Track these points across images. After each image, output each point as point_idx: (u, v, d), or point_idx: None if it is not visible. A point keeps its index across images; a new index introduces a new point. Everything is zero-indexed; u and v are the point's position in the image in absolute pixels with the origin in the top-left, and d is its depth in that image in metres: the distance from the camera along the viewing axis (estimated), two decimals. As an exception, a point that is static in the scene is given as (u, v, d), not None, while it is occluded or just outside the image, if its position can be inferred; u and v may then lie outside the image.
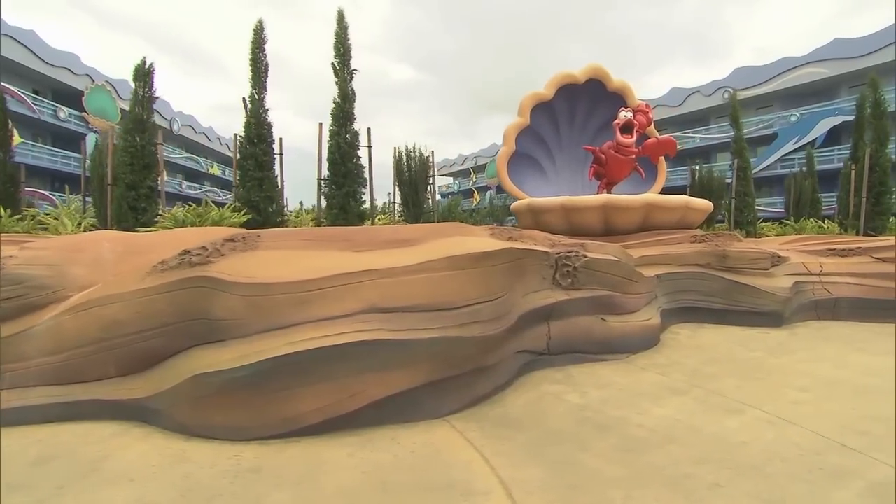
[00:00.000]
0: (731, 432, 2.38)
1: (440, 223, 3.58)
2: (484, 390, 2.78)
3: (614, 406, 2.74)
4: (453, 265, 2.65)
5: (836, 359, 3.87)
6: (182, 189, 28.60)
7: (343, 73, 5.89)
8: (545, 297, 3.47)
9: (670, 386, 3.12)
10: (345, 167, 5.60)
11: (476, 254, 2.69)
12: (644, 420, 2.53)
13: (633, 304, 4.12)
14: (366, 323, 2.44)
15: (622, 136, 6.81)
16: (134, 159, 5.59)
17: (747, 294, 5.28)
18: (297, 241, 2.93)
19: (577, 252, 3.73)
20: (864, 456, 2.13)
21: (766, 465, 2.04)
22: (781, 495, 1.81)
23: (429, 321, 2.53)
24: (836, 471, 1.99)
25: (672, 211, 6.21)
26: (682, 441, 2.27)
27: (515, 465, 2.03)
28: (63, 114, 19.86)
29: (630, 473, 1.97)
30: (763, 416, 2.60)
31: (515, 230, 3.95)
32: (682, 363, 3.67)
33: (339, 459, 2.12)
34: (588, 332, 3.65)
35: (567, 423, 2.50)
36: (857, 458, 2.12)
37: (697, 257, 5.51)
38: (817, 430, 2.41)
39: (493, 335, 2.69)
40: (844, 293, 5.66)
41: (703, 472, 1.97)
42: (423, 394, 2.53)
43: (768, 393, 2.99)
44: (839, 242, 6.38)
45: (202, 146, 33.18)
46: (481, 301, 2.68)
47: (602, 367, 3.50)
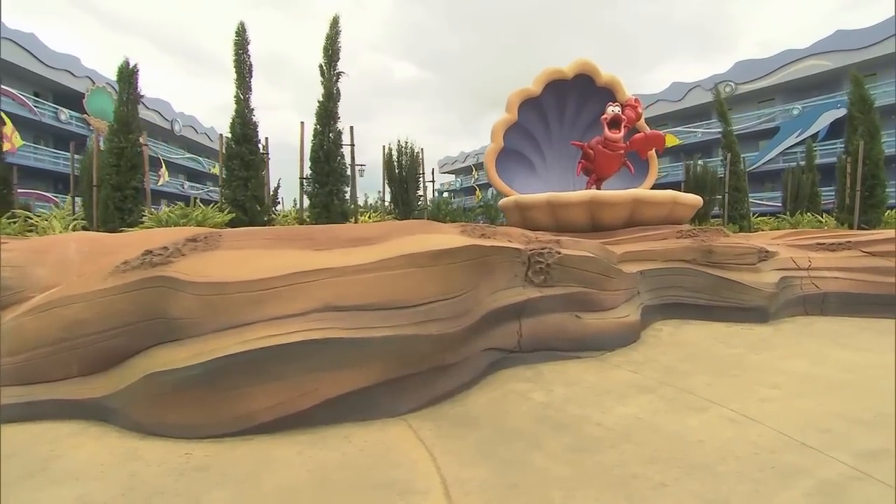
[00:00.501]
0: (690, 431, 2.35)
1: (405, 220, 3.56)
2: (445, 388, 2.76)
3: (577, 404, 2.71)
4: (410, 263, 2.63)
5: (816, 355, 3.81)
6: (184, 189, 28.80)
7: (329, 74, 5.89)
8: (516, 295, 3.44)
9: (640, 384, 3.08)
10: (328, 166, 5.60)
11: (434, 251, 2.66)
12: (604, 419, 2.50)
13: (611, 300, 4.07)
14: (319, 321, 2.43)
15: (610, 131, 6.74)
16: (119, 160, 5.63)
17: (733, 290, 5.21)
18: (259, 240, 2.92)
19: (551, 249, 3.70)
20: (820, 454, 2.09)
21: (717, 464, 2.01)
22: (726, 495, 1.78)
23: (383, 319, 2.52)
24: (787, 470, 1.95)
25: (659, 206, 6.14)
26: (638, 440, 2.24)
27: (462, 465, 2.02)
28: (64, 116, 20.04)
29: (576, 473, 1.94)
30: (727, 415, 2.56)
31: (489, 227, 3.92)
32: (657, 360, 3.63)
33: (288, 457, 2.11)
34: (561, 330, 3.62)
35: (525, 421, 2.48)
36: (813, 456, 2.08)
37: (683, 253, 5.45)
38: (779, 427, 2.37)
39: (452, 333, 2.67)
40: (833, 288, 5.57)
41: (652, 472, 1.94)
42: (379, 392, 2.52)
43: (739, 390, 2.95)
44: (829, 236, 6.28)
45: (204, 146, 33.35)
46: (439, 299, 2.66)
47: (574, 365, 3.47)
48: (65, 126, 20.00)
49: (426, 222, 3.48)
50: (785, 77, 21.62)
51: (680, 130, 26.62)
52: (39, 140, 20.19)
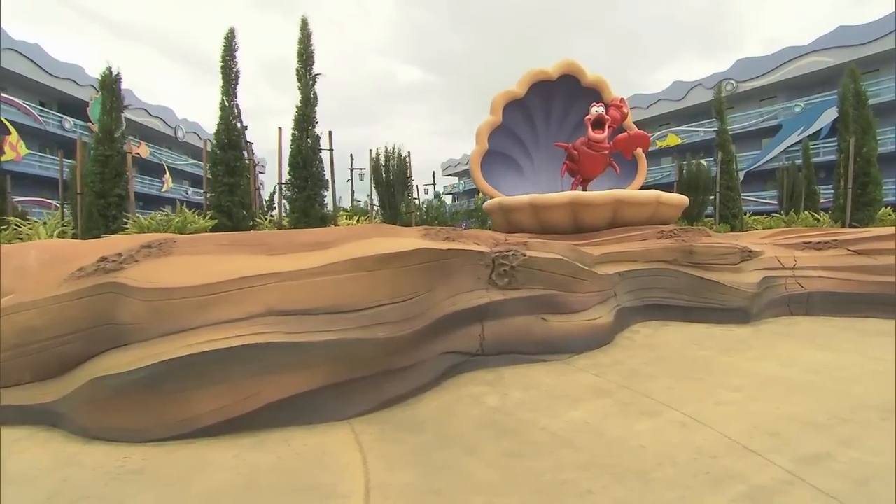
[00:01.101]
0: (635, 436, 2.31)
1: (360, 225, 3.56)
2: (397, 392, 2.75)
3: (529, 409, 2.69)
4: (357, 267, 2.63)
5: (788, 356, 3.73)
6: (188, 195, 29.10)
7: (305, 77, 5.93)
8: (478, 298, 3.42)
9: (599, 387, 3.05)
10: (306, 171, 5.64)
11: (381, 255, 2.66)
12: (551, 423, 2.48)
13: (581, 302, 4.04)
14: (262, 326, 2.44)
15: (593, 131, 6.70)
16: (104, 168, 5.71)
17: (713, 290, 5.14)
18: (213, 246, 2.94)
19: (516, 251, 3.68)
20: (761, 458, 2.05)
21: (653, 470, 1.97)
22: (650, 503, 1.75)
23: (328, 323, 2.52)
24: (722, 475, 1.91)
25: (642, 206, 6.08)
26: (579, 445, 2.21)
27: (391, 469, 2.00)
28: (69, 124, 20.41)
29: (504, 479, 1.92)
30: (678, 419, 2.51)
31: (455, 230, 3.91)
32: (624, 363, 3.59)
33: (224, 460, 2.12)
34: (526, 333, 3.59)
35: (470, 426, 2.46)
36: (754, 460, 2.03)
37: (663, 253, 5.38)
38: (727, 431, 2.32)
39: (401, 337, 2.66)
40: (818, 287, 5.47)
41: (582, 479, 1.91)
42: (325, 396, 2.52)
43: (698, 393, 2.90)
44: (815, 235, 6.17)
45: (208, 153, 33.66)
46: (387, 302, 2.66)
47: (537, 368, 3.44)
48: (69, 134, 20.35)
49: (383, 226, 3.48)
50: (786, 74, 21.34)
51: (682, 130, 26.40)
52: (45, 149, 20.57)
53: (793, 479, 1.87)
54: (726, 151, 8.79)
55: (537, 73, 7.58)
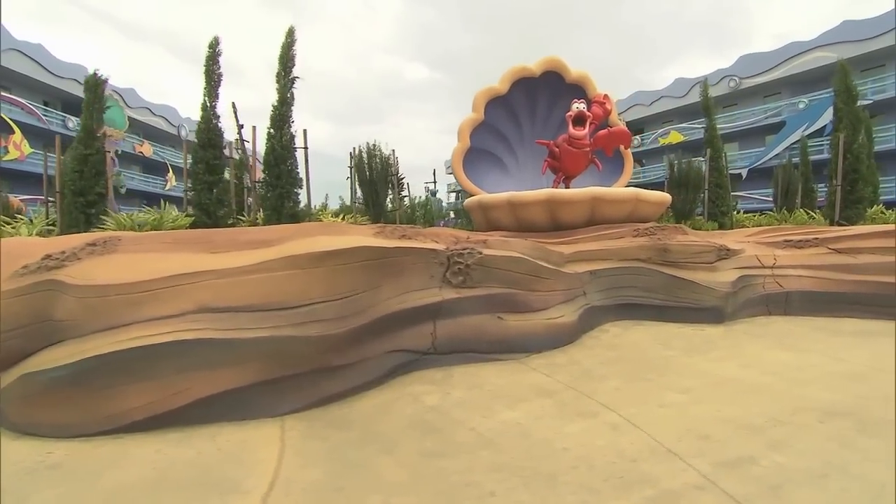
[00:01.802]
0: (562, 437, 2.28)
1: (306, 223, 3.56)
2: (335, 389, 2.75)
3: (465, 408, 2.66)
4: (291, 265, 2.63)
5: (750, 357, 3.67)
6: (191, 193, 29.29)
7: (284, 80, 5.97)
8: (431, 296, 3.40)
9: (545, 387, 3.01)
10: (279, 168, 5.66)
11: (317, 253, 2.65)
12: (482, 423, 2.45)
13: (542, 301, 4.00)
14: (194, 322, 2.45)
15: (574, 128, 6.63)
16: (83, 167, 5.77)
17: (687, 289, 5.07)
18: (158, 243, 2.96)
19: (472, 249, 3.65)
20: (682, 463, 2.00)
21: (566, 473, 1.94)
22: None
23: (261, 321, 2.52)
24: (634, 480, 1.88)
25: (621, 204, 6.01)
26: (500, 447, 2.19)
27: (304, 467, 2.00)
28: (72, 123, 20.67)
29: (412, 479, 1.90)
30: (613, 421, 2.47)
31: (412, 228, 3.89)
32: (580, 363, 3.55)
33: (144, 456, 2.13)
34: (480, 331, 3.56)
35: (399, 425, 2.44)
36: (673, 465, 1.99)
37: (638, 252, 5.32)
38: (658, 434, 2.28)
39: (337, 335, 2.66)
40: (796, 286, 5.36)
41: (490, 480, 1.89)
42: (257, 392, 2.52)
43: (644, 395, 2.85)
44: (797, 233, 6.06)
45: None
46: (322, 300, 2.65)
47: (489, 368, 3.41)
48: (73, 133, 20.64)
49: (330, 224, 3.47)
50: (790, 70, 20.93)
51: (684, 127, 26.04)
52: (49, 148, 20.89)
53: (705, 484, 1.83)
54: (715, 149, 8.66)
55: (519, 70, 7.52)
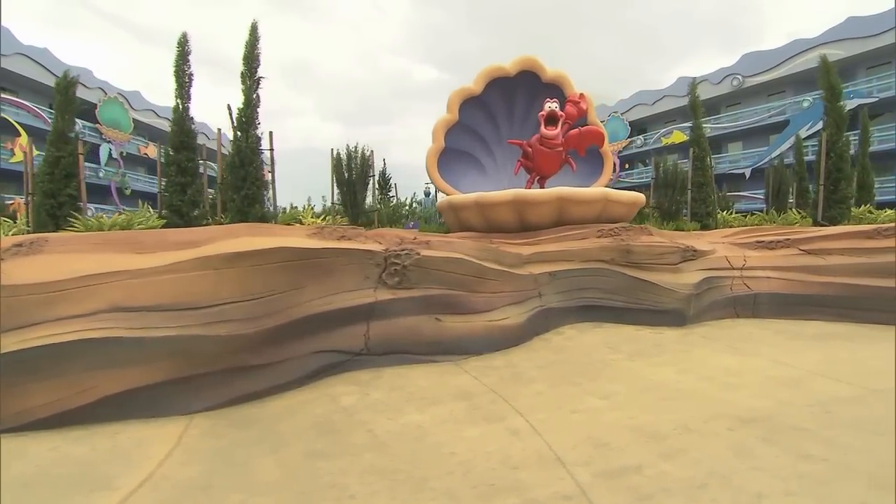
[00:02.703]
0: (455, 442, 2.25)
1: (234, 225, 3.59)
2: (250, 389, 2.76)
3: (375, 410, 2.65)
4: (203, 265, 2.65)
5: (695, 361, 3.59)
6: (196, 194, 29.68)
7: (249, 80, 6.02)
8: (363, 297, 3.40)
9: (466, 390, 2.98)
10: (244, 170, 5.71)
11: (228, 254, 2.67)
12: (383, 426, 2.44)
13: (486, 303, 3.97)
14: (103, 321, 2.48)
15: (546, 127, 6.57)
16: (54, 169, 5.89)
17: (648, 291, 4.99)
18: (86, 244, 3.00)
19: (410, 251, 3.64)
20: (563, 471, 1.96)
21: (438, 478, 1.91)
22: (407, 509, 1.71)
23: (171, 320, 2.55)
24: (505, 487, 1.84)
25: (588, 204, 5.94)
26: (388, 450, 2.17)
27: (186, 464, 2.01)
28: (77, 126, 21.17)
29: (284, 479, 1.90)
30: (517, 426, 2.43)
31: (353, 229, 3.90)
32: (515, 366, 3.51)
33: (38, 453, 2.16)
34: (416, 333, 3.55)
35: (301, 426, 2.45)
36: (553, 473, 1.94)
37: (601, 253, 5.25)
38: (555, 441, 2.23)
39: (249, 334, 2.67)
40: (765, 288, 5.25)
41: (358, 483, 1.87)
42: (168, 390, 2.54)
43: (563, 400, 2.80)
44: (771, 234, 5.93)
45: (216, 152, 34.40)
46: (233, 301, 2.67)
47: (421, 369, 3.39)
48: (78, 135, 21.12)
49: (259, 225, 3.49)
50: (795, 68, 20.49)
51: (687, 126, 25.71)
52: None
53: (575, 494, 1.79)
54: (701, 148, 8.52)
55: (494, 70, 7.48)
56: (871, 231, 5.02)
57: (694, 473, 1.92)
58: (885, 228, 4.93)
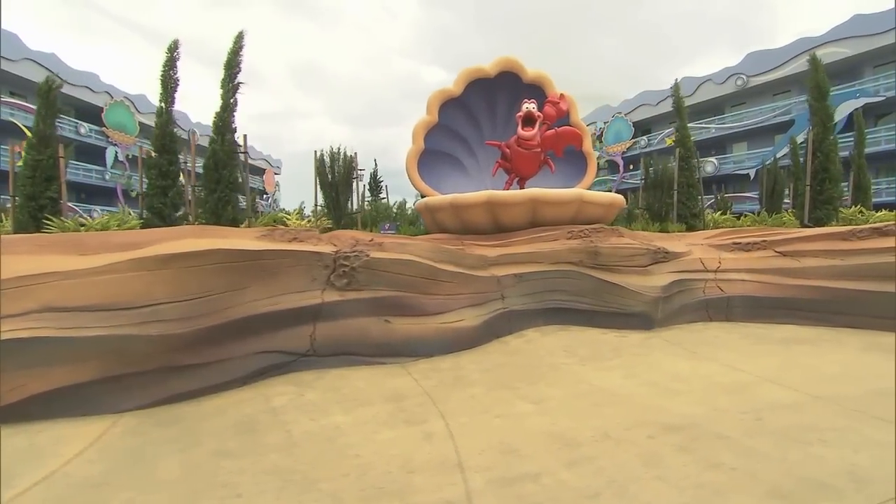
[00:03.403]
0: (363, 444, 2.24)
1: (179, 227, 3.63)
2: (186, 388, 2.79)
3: (303, 411, 2.66)
4: (138, 266, 2.69)
5: (646, 366, 3.53)
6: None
7: (228, 85, 6.12)
8: (310, 298, 3.42)
9: (401, 393, 2.98)
10: (217, 174, 5.79)
11: (162, 255, 2.71)
12: (303, 426, 2.45)
13: (439, 305, 3.96)
14: (36, 321, 2.53)
15: (523, 128, 6.55)
16: (35, 173, 6.03)
17: (615, 294, 4.93)
18: (31, 246, 3.07)
19: (359, 252, 3.65)
20: (459, 476, 1.94)
21: (331, 480, 1.90)
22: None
23: (102, 320, 2.59)
24: (391, 491, 1.82)
25: (562, 206, 5.89)
26: (296, 450, 2.17)
27: (93, 462, 2.05)
28: (84, 129, 21.66)
29: (179, 478, 1.92)
30: (434, 430, 2.41)
31: (306, 231, 3.92)
32: (462, 369, 3.49)
33: (-45, 452, 2.21)
34: (364, 334, 3.56)
35: (224, 425, 2.47)
36: (448, 478, 1.92)
37: (569, 254, 5.21)
38: (464, 446, 2.21)
39: (181, 334, 2.71)
40: (738, 291, 5.15)
41: (250, 483, 1.88)
42: (99, 389, 2.58)
43: (493, 405, 2.77)
44: (749, 235, 5.82)
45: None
46: (167, 301, 2.70)
47: (365, 371, 3.40)
48: (84, 139, 21.61)
49: (206, 228, 3.53)
50: (800, 67, 19.99)
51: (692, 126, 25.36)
52: (64, 152, 21.91)
53: (458, 501, 1.77)
54: (687, 149, 8.41)
55: (474, 71, 7.48)
56: (847, 233, 4.90)
57: (591, 483, 1.89)
58: (860, 230, 4.82)
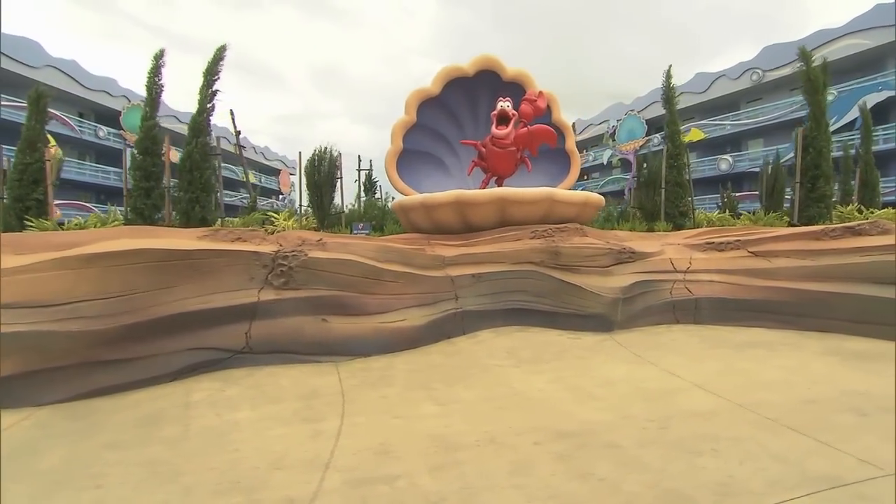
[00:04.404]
0: (251, 440, 2.27)
1: (116, 227, 3.74)
2: (110, 382, 2.88)
3: (213, 407, 2.72)
4: (62, 265, 2.80)
5: (581, 370, 3.45)
6: (217, 197, 30.96)
7: (205, 91, 6.30)
8: (245, 297, 3.49)
9: (318, 391, 3.00)
10: (191, 175, 5.96)
11: (84, 255, 2.82)
12: (204, 422, 2.50)
13: (380, 305, 3.97)
14: (-39, 317, 2.67)
15: (497, 127, 6.49)
16: (23, 175, 6.32)
17: (574, 294, 4.84)
18: (-24, 243, 3.22)
19: (297, 252, 3.70)
20: (319, 475, 1.94)
21: (196, 473, 1.95)
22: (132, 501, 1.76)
23: (23, 317, 2.71)
24: (245, 486, 1.85)
25: (530, 205, 5.80)
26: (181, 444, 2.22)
27: (-16, 454, 2.15)
28: (102, 132, 22.58)
29: (57, 467, 1.99)
30: (327, 429, 2.42)
31: (251, 231, 3.99)
32: (392, 369, 3.48)
33: None
34: (299, 333, 3.60)
35: (131, 418, 2.54)
36: (307, 476, 1.93)
37: (531, 254, 5.14)
38: (345, 446, 2.22)
39: (102, 330, 2.80)
40: (707, 292, 4.97)
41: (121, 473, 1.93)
42: (18, 383, 2.70)
43: (398, 406, 2.76)
44: (725, 235, 5.62)
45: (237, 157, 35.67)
46: (88, 298, 2.80)
47: (297, 369, 3.43)
48: (103, 142, 22.52)
49: (143, 228, 3.64)
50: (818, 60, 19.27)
51: (706, 124, 24.64)
52: (84, 156, 22.90)
53: (301, 500, 1.77)
54: (675, 146, 8.18)
55: (452, 71, 7.45)
56: (819, 232, 4.69)
57: (444, 488, 1.86)
58: (832, 229, 4.61)
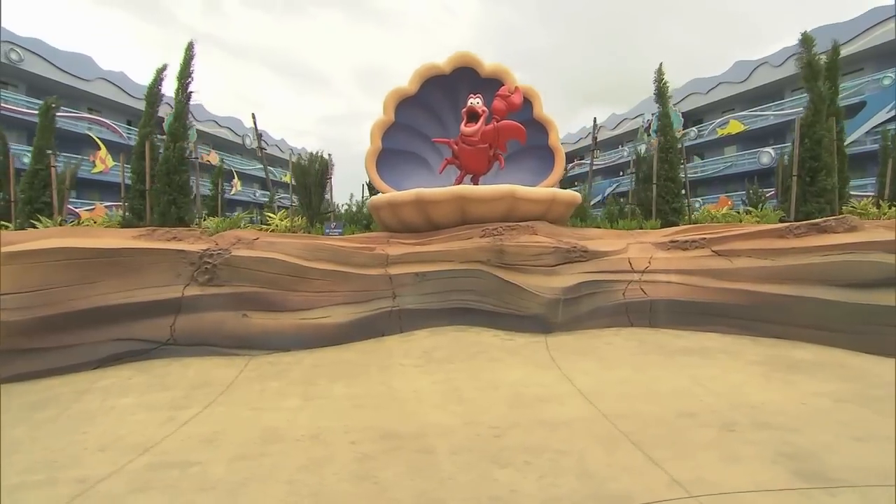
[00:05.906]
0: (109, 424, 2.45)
1: (53, 228, 4.06)
2: (31, 368, 3.20)
3: (109, 394, 2.94)
4: (-13, 260, 3.13)
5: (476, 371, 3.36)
6: (255, 197, 32.75)
7: (181, 95, 6.70)
8: (170, 292, 3.72)
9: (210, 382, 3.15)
10: (168, 178, 6.36)
11: (8, 253, 3.13)
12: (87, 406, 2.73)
13: (303, 302, 4.07)
14: None
15: (465, 124, 6.42)
16: (33, 180, 7.01)
17: (514, 294, 4.72)
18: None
19: (221, 251, 3.89)
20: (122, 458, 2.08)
21: (21, 454, 2.14)
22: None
23: (-46, 307, 3.05)
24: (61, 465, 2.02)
25: (490, 203, 5.69)
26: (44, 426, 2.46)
27: None
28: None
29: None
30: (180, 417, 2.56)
31: (187, 230, 4.23)
32: (296, 364, 3.54)
33: None
34: (219, 327, 3.78)
35: (28, 402, 2.82)
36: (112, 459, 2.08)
37: (477, 253, 5.07)
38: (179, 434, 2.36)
39: (20, 321, 3.10)
40: (663, 294, 4.67)
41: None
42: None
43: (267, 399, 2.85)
44: (694, 233, 5.26)
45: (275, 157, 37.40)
46: (9, 292, 3.11)
47: (211, 361, 3.59)
48: (149, 148, 24.40)
49: (78, 228, 3.94)
50: (873, 41, 17.33)
51: (746, 115, 22.95)
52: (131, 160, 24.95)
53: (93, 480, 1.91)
54: (667, 139, 7.72)
55: (428, 69, 7.45)
56: (784, 229, 4.29)
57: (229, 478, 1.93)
58: (797, 227, 4.21)
